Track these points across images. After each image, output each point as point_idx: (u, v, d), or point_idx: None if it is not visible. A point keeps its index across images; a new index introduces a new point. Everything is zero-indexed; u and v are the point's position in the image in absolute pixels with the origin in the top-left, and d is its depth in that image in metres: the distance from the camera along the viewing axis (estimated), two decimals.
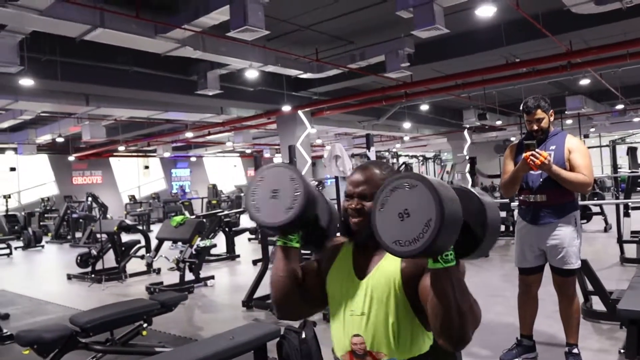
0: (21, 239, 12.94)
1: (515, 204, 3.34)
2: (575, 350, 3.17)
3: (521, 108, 3.22)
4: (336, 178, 5.53)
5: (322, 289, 1.71)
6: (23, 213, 15.64)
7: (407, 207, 1.26)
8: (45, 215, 16.33)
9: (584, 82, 11.24)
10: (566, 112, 13.96)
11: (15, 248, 12.02)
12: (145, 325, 3.55)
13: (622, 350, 3.13)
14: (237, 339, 2.67)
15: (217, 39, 7.30)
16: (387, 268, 1.57)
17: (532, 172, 3.10)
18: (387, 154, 13.20)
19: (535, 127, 3.15)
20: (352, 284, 1.62)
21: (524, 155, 3.00)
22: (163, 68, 8.83)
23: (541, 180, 3.10)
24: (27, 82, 7.46)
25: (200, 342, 2.90)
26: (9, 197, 16.27)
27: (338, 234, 1.77)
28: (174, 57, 7.81)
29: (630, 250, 6.50)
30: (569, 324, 3.20)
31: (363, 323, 1.55)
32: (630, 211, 7.58)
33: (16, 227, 14.93)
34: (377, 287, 1.56)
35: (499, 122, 16.24)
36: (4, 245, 11.34)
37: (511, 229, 9.70)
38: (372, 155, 5.21)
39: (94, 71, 8.26)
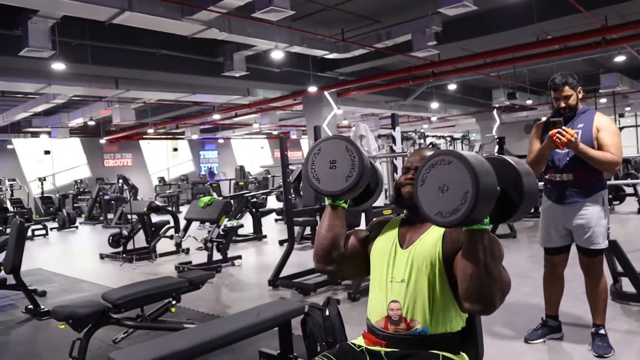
0: (56, 220, 13.34)
1: (541, 184, 3.27)
2: (602, 331, 3.12)
3: (548, 85, 3.13)
4: None
5: (365, 258, 1.83)
6: (57, 195, 16.08)
7: (446, 181, 1.38)
8: (79, 197, 16.74)
9: (619, 58, 10.88)
10: (600, 91, 13.55)
11: (51, 229, 12.41)
12: (174, 302, 3.63)
13: None
14: (261, 315, 2.72)
15: (242, 20, 7.30)
16: (430, 240, 1.67)
17: (558, 150, 3.03)
18: (414, 134, 13.06)
19: (563, 105, 3.07)
20: (395, 253, 1.71)
21: (550, 133, 2.94)
22: (190, 50, 8.91)
23: (568, 159, 3.04)
24: (59, 66, 7.60)
25: (225, 319, 2.96)
26: (44, 179, 16.70)
27: (385, 208, 1.90)
28: (200, 39, 7.86)
29: None
30: (596, 304, 3.15)
31: (403, 289, 1.63)
32: None
33: (51, 209, 15.38)
34: (419, 256, 1.65)
35: (529, 102, 15.89)
36: (40, 226, 11.70)
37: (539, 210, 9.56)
38: (398, 136, 5.18)
39: (122, 54, 8.37)
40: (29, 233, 11.20)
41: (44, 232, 11.61)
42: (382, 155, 8.68)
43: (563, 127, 2.91)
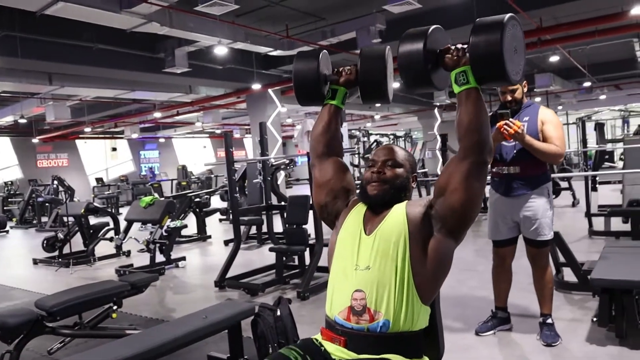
0: None
1: (488, 177, 3.31)
2: (549, 320, 3.19)
3: None
4: (308, 154, 5.44)
5: (337, 197, 1.85)
6: None
7: (516, 44, 1.54)
8: (9, 199, 15.83)
9: (554, 59, 11.34)
10: (535, 90, 14.12)
11: None
12: (115, 307, 3.44)
13: (594, 319, 3.17)
14: (210, 318, 2.60)
15: (184, 14, 7.09)
16: (393, 222, 1.64)
17: (505, 143, 3.10)
18: (358, 132, 13.15)
19: (509, 98, 3.15)
20: (360, 240, 1.66)
21: (497, 124, 2.97)
22: (129, 45, 8.54)
23: (515, 151, 3.10)
24: None
25: (171, 323, 2.82)
26: None
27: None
28: (140, 34, 7.58)
29: (598, 224, 6.63)
30: (543, 294, 3.22)
31: (367, 277, 1.57)
32: (597, 185, 7.75)
33: None
34: (384, 239, 1.61)
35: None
36: None
37: (482, 205, 9.82)
38: (345, 133, 5.15)
39: (56, 48, 7.90)
40: None
41: None
42: None
43: (510, 119, 2.97)
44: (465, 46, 1.55)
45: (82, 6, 6.00)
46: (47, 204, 13.08)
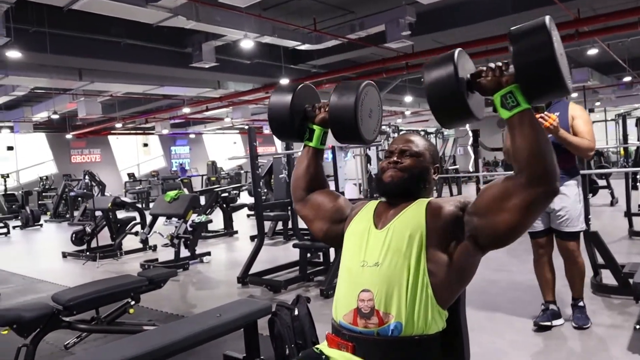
0: (19, 218, 12.80)
1: None
2: (580, 304, 3.25)
3: None
4: (333, 148, 5.33)
5: (335, 222, 1.72)
6: (21, 192, 15.49)
7: (562, 51, 1.36)
8: (44, 194, 16.17)
9: (592, 52, 10.89)
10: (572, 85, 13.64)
11: (14, 227, 11.90)
12: (132, 302, 3.38)
13: (637, 326, 2.96)
14: (225, 316, 2.50)
15: (210, 7, 7.01)
16: (410, 216, 1.48)
17: None
18: (387, 128, 12.93)
19: None
20: (369, 235, 1.51)
21: None
22: (157, 40, 8.55)
23: None
24: (14, 54, 7.17)
25: (185, 320, 2.72)
26: (7, 176, 16.07)
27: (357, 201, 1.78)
28: (167, 28, 7.56)
29: (639, 224, 6.31)
30: (574, 281, 3.26)
31: (375, 275, 1.41)
32: (638, 184, 7.39)
33: (14, 207, 14.81)
34: (397, 234, 1.45)
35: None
36: (1, 225, 11.19)
37: None
38: None
39: (85, 43, 7.96)
40: None
41: (5, 230, 11.10)
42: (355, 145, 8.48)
43: (545, 112, 2.97)
44: (501, 64, 1.37)
45: (108, 0, 5.99)
46: (79, 199, 13.29)
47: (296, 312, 2.68)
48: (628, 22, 8.34)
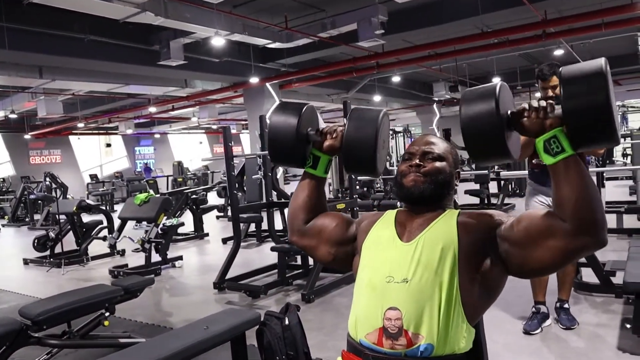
0: None
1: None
2: (565, 305, 3.28)
3: (536, 74, 3.21)
4: None
5: (344, 243, 1.57)
6: None
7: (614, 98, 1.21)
8: (1, 197, 15.50)
9: (558, 52, 11.10)
10: (536, 85, 13.89)
11: None
12: (107, 314, 3.19)
13: (628, 325, 2.95)
14: (212, 329, 2.35)
15: (179, 3, 6.82)
16: (441, 229, 1.36)
17: None
18: None
19: (551, 94, 3.11)
20: (394, 249, 1.38)
21: None
22: (123, 37, 8.25)
23: None
24: None
25: (170, 334, 2.56)
26: None
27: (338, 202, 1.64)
28: (134, 25, 7.31)
29: (610, 221, 6.41)
30: (564, 281, 3.29)
31: (403, 292, 1.29)
32: (605, 181, 7.55)
33: None
34: (428, 249, 1.33)
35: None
36: None
37: (486, 201, 9.61)
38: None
39: (46, 39, 7.58)
40: None
41: None
42: None
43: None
44: (545, 105, 1.25)
45: None
46: (39, 202, 12.77)
47: (287, 322, 2.56)
48: (593, 24, 8.51)
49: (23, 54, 7.75)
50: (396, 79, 13.97)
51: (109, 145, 22.03)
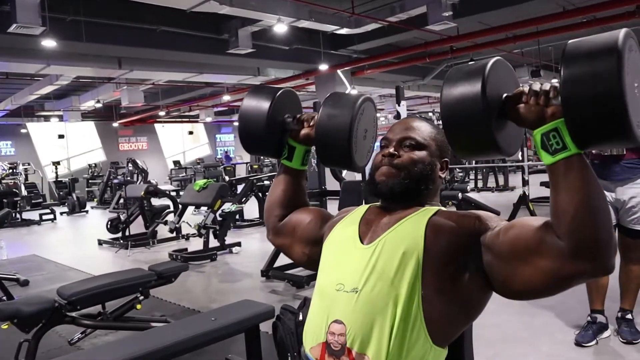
0: (66, 204, 13.16)
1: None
2: (629, 316, 2.94)
3: None
4: None
5: (316, 244, 1.38)
6: (68, 179, 15.96)
7: (637, 77, 0.93)
8: (91, 181, 16.61)
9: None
10: None
11: (61, 213, 12.23)
12: (141, 298, 3.24)
13: None
14: (220, 321, 2.29)
15: None
16: (407, 232, 1.14)
17: None
18: (431, 114, 12.47)
19: None
20: (352, 251, 1.18)
21: None
22: (192, 27, 8.46)
23: None
24: (49, 43, 7.20)
25: (177, 324, 2.54)
26: (58, 164, 16.58)
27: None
28: (203, 14, 7.42)
29: None
30: (628, 288, 2.93)
31: (351, 303, 1.09)
32: None
33: (61, 194, 15.27)
34: (387, 253, 1.12)
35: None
36: (48, 211, 11.51)
37: None
38: (403, 111, 4.69)
39: (120, 31, 7.94)
40: (37, 218, 11.04)
41: (51, 216, 11.40)
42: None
43: None
44: (548, 88, 1.00)
45: None
46: (123, 186, 13.50)
47: (300, 317, 2.46)
48: None
49: (100, 46, 8.16)
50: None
51: (191, 132, 22.90)
